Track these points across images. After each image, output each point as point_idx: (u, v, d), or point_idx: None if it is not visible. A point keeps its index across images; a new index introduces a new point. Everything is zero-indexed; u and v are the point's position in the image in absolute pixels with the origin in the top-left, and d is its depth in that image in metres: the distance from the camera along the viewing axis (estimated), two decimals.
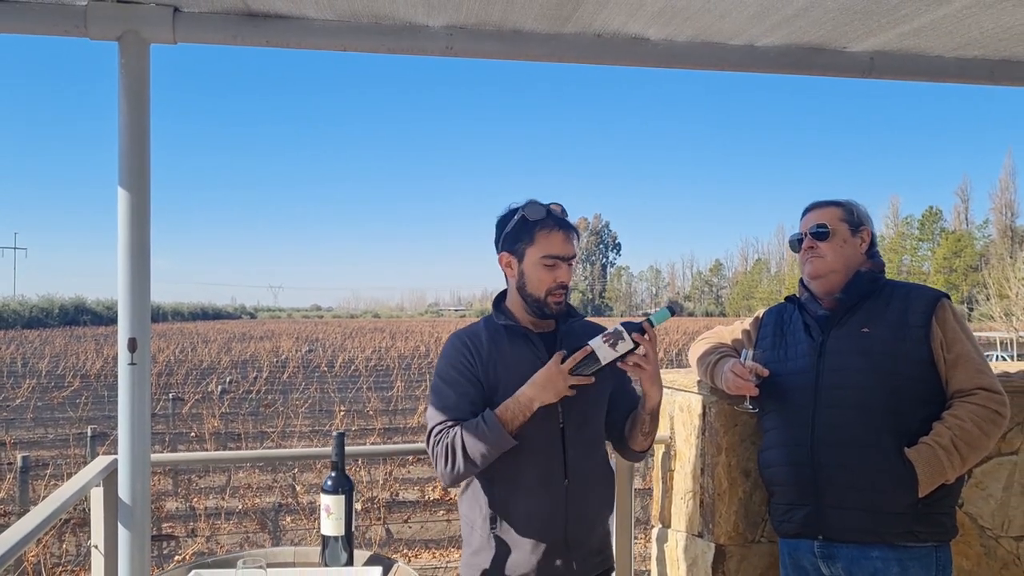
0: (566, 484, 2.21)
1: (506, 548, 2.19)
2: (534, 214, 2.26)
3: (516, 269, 2.30)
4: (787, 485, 2.53)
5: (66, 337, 48.78)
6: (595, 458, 2.32)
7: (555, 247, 2.23)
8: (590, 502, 2.26)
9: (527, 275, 2.27)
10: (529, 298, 2.27)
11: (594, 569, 2.30)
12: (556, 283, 2.24)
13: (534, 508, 2.19)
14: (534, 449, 2.18)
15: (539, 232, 2.25)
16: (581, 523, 2.24)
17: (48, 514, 2.16)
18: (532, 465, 2.19)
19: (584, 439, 2.27)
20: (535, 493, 2.19)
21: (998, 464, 3.16)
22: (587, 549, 2.26)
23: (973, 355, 2.39)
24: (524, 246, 2.27)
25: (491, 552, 2.20)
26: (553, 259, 2.23)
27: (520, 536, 2.18)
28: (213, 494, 10.09)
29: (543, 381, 2.11)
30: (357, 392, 20.13)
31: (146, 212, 2.51)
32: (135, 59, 2.48)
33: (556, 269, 2.24)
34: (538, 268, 2.24)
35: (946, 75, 3.02)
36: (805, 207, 2.66)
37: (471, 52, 2.72)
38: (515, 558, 2.18)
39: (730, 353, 2.76)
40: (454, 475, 2.15)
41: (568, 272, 2.26)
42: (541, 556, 2.18)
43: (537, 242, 2.25)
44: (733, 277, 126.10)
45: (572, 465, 2.22)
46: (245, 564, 1.83)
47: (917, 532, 2.35)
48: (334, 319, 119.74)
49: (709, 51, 2.85)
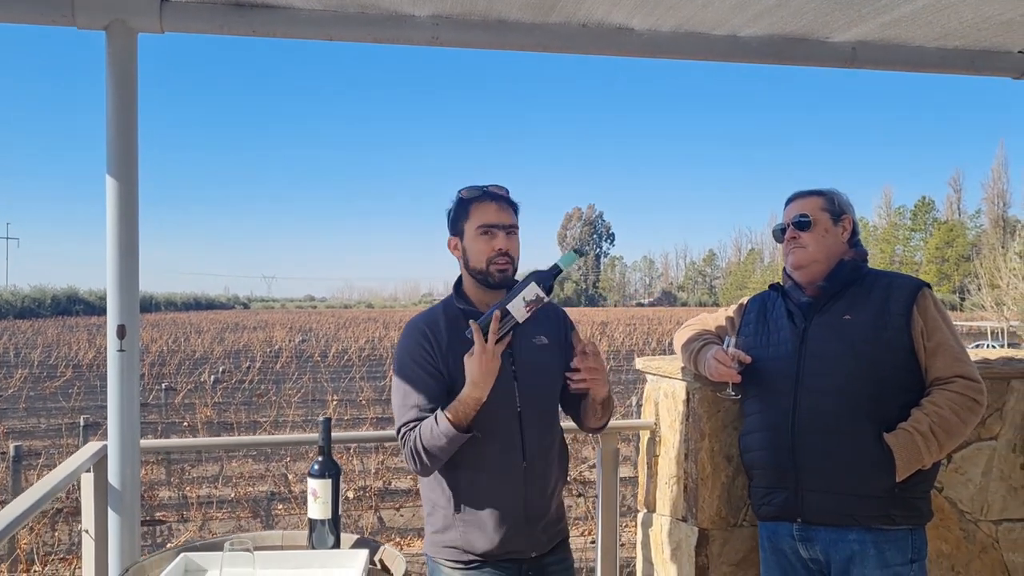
0: (524, 465, 2.30)
1: (469, 527, 2.28)
2: (469, 193, 2.35)
3: (460, 248, 2.37)
4: (767, 469, 2.57)
5: (58, 327, 48.67)
6: (551, 437, 2.41)
7: (489, 216, 2.30)
8: (547, 479, 2.36)
9: (468, 249, 2.34)
10: (475, 272, 2.33)
11: (553, 539, 2.40)
12: (495, 251, 2.29)
13: (495, 489, 2.28)
14: (493, 433, 2.25)
15: (473, 206, 2.32)
16: (540, 499, 2.33)
17: (39, 497, 2.19)
18: (491, 449, 2.27)
19: (540, 421, 2.35)
20: (495, 475, 2.28)
21: (977, 449, 3.21)
22: (545, 522, 2.36)
23: (952, 344, 2.43)
24: (462, 223, 2.35)
25: (455, 531, 2.30)
26: (488, 227, 2.29)
27: (482, 515, 2.27)
28: (206, 483, 10.13)
29: (479, 376, 2.12)
30: (350, 382, 20.15)
31: (134, 200, 2.54)
32: (122, 48, 2.51)
33: (493, 238, 2.29)
34: (476, 240, 2.31)
35: (927, 65, 3.06)
36: (788, 197, 2.69)
37: (457, 42, 2.74)
38: (478, 536, 2.27)
39: (714, 340, 2.80)
40: (425, 472, 2.26)
41: (507, 240, 2.30)
42: (503, 533, 2.27)
43: (471, 216, 2.32)
44: (727, 267, 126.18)
45: (529, 446, 2.31)
46: (232, 547, 1.85)
47: (893, 516, 2.39)
48: (327, 309, 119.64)
49: (693, 41, 2.88)
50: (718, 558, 3.01)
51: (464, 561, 2.29)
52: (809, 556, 2.51)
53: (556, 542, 2.42)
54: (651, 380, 3.38)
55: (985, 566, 3.22)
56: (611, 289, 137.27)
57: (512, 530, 2.27)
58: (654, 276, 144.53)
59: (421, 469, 2.24)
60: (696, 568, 3.00)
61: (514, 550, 2.29)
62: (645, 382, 3.45)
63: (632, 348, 29.25)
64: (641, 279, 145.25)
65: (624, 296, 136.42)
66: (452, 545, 2.30)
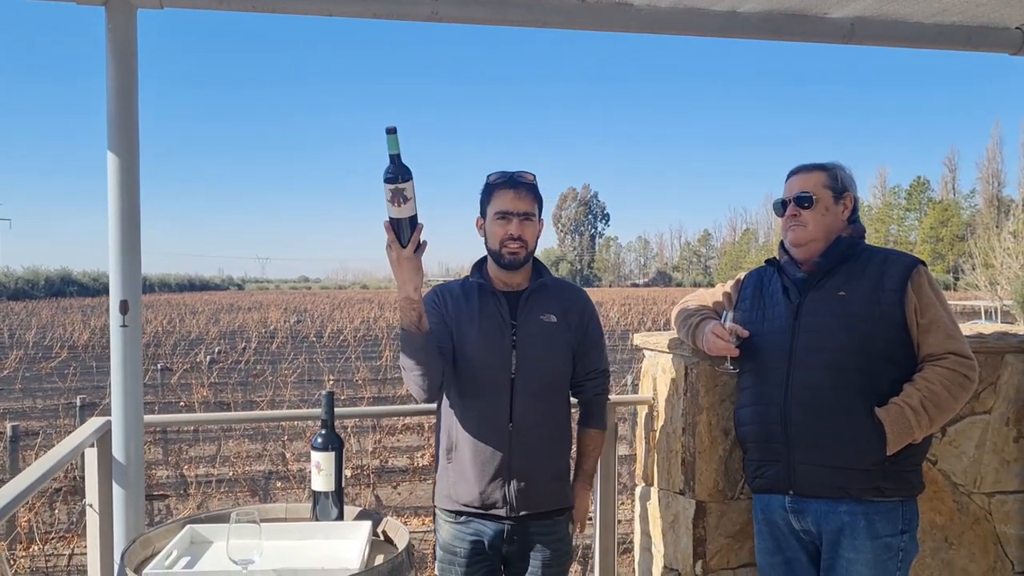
0: (510, 428, 2.49)
1: (456, 478, 2.53)
2: (494, 179, 2.55)
3: (483, 228, 2.59)
4: (760, 442, 2.61)
5: (52, 308, 48.52)
6: (548, 408, 2.56)
7: (505, 203, 2.50)
8: (536, 446, 2.52)
9: (487, 231, 2.57)
10: (491, 252, 2.57)
11: (540, 506, 2.53)
12: (507, 235, 2.49)
13: (480, 447, 2.49)
14: (483, 394, 2.50)
15: (495, 192, 2.54)
16: (524, 464, 2.49)
17: (45, 471, 2.22)
18: (480, 409, 2.51)
19: (533, 389, 2.51)
20: (481, 435, 2.50)
21: (971, 423, 3.25)
22: (529, 487, 2.50)
23: (945, 321, 2.46)
24: (486, 207, 2.57)
25: (446, 479, 2.56)
26: (503, 214, 2.50)
27: (467, 467, 2.50)
28: (203, 463, 10.16)
29: (398, 278, 2.24)
30: (346, 362, 20.16)
31: (135, 177, 2.55)
32: (122, 24, 2.51)
33: (508, 223, 2.49)
34: (493, 223, 2.53)
35: (925, 40, 3.07)
36: (790, 170, 2.69)
37: (456, 17, 2.75)
38: (463, 487, 2.51)
39: (711, 315, 2.82)
40: (418, 393, 2.45)
41: (520, 226, 2.49)
42: (484, 488, 2.49)
43: (492, 200, 2.54)
44: (721, 247, 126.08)
45: (518, 411, 2.50)
46: (239, 518, 1.88)
47: (884, 488, 2.43)
48: (322, 290, 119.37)
49: (692, 16, 2.89)
50: (715, 530, 3.05)
51: (454, 511, 2.55)
52: (801, 528, 2.55)
53: (546, 510, 2.55)
54: (649, 355, 3.41)
55: (978, 537, 3.27)
56: (606, 269, 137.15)
57: (493, 486, 2.48)
58: (649, 256, 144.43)
59: (410, 385, 2.44)
60: (694, 540, 3.04)
61: (493, 506, 2.48)
62: (642, 359, 3.48)
63: (627, 328, 29.27)
64: (636, 259, 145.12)
65: (619, 276, 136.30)
66: (445, 494, 2.56)
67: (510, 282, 2.58)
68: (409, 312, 2.33)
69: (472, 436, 2.50)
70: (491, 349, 2.49)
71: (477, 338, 2.51)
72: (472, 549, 2.53)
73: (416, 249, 2.18)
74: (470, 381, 2.50)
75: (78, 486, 7.61)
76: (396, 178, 2.09)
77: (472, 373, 2.50)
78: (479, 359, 2.50)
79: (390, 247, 2.19)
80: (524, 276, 2.59)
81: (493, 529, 2.51)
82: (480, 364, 2.49)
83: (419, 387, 2.43)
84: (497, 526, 2.51)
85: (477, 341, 2.51)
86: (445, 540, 2.58)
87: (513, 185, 2.51)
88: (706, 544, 3.05)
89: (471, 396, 2.51)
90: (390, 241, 2.18)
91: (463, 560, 2.52)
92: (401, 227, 2.16)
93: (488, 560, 2.55)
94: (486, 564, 2.55)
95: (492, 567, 2.57)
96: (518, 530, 2.52)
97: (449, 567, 2.55)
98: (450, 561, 2.55)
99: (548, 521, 2.56)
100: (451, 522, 2.56)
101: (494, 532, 2.51)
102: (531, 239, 2.53)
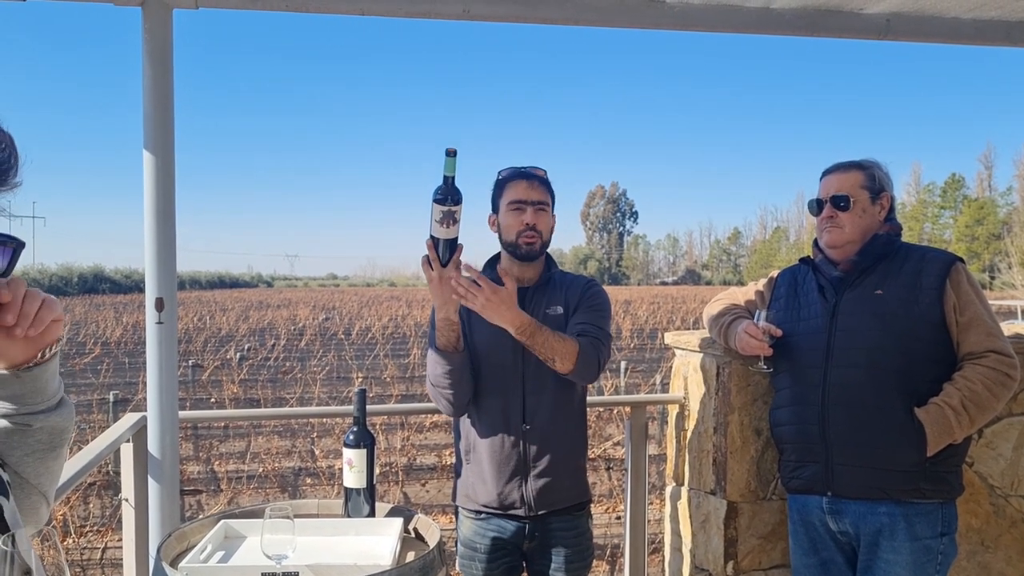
0: (525, 428, 2.47)
1: (475, 479, 2.53)
2: (504, 173, 2.55)
3: (496, 224, 2.56)
4: (797, 443, 2.58)
5: (86, 305, 49.25)
6: (563, 405, 2.52)
7: (519, 192, 2.49)
8: (554, 444, 2.49)
9: (502, 224, 2.53)
10: (507, 245, 2.53)
11: (559, 503, 2.51)
12: (523, 224, 2.47)
13: (496, 448, 2.47)
14: (496, 394, 2.48)
15: (507, 185, 2.53)
16: (542, 463, 2.47)
17: (83, 465, 2.25)
18: (494, 410, 2.48)
19: (545, 385, 2.47)
20: (498, 432, 2.48)
21: (1009, 424, 3.19)
22: (547, 486, 2.48)
23: (985, 318, 2.42)
24: (498, 201, 2.55)
25: (465, 481, 2.56)
26: (517, 203, 2.48)
27: (484, 467, 2.49)
28: (233, 459, 10.26)
29: (436, 299, 2.29)
30: (374, 360, 20.27)
31: (171, 175, 2.58)
32: (158, 24, 2.53)
33: (522, 213, 2.47)
34: (507, 214, 2.50)
35: (963, 36, 3.02)
36: (826, 168, 2.64)
37: (487, 15, 2.75)
38: (481, 488, 2.51)
39: (743, 314, 2.80)
40: (446, 408, 2.48)
41: (535, 216, 2.47)
42: (501, 489, 2.47)
43: (505, 193, 2.53)
44: (752, 245, 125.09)
45: (531, 410, 2.47)
46: (273, 514, 1.89)
47: (924, 489, 2.40)
48: (350, 288, 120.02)
49: (725, 13, 2.86)
50: (747, 531, 3.03)
51: (474, 510, 2.54)
52: (838, 529, 2.52)
53: (566, 507, 2.53)
54: (680, 354, 3.39)
55: (1015, 540, 3.22)
56: (634, 268, 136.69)
57: (511, 486, 2.47)
58: (678, 254, 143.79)
59: (438, 401, 2.47)
60: (725, 540, 3.02)
61: (511, 506, 2.47)
62: (670, 358, 3.46)
63: (656, 327, 29.17)
64: (665, 257, 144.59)
65: (648, 275, 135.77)
66: (464, 493, 2.56)
67: (522, 277, 2.53)
68: (448, 333, 2.34)
69: (488, 437, 2.49)
70: (501, 345, 2.44)
71: (487, 334, 2.45)
72: (492, 545, 2.52)
73: (456, 268, 2.23)
74: (482, 378, 2.49)
75: (112, 480, 7.72)
76: (446, 199, 2.13)
77: (483, 370, 2.49)
78: (490, 355, 2.48)
79: (428, 264, 2.23)
80: (536, 271, 2.56)
81: (513, 526, 2.51)
82: (491, 360, 2.48)
83: (449, 403, 2.45)
84: (517, 524, 2.51)
85: (487, 337, 2.47)
86: (465, 536, 2.58)
87: (525, 176, 2.51)
88: (737, 544, 3.03)
89: (485, 395, 2.49)
90: (431, 259, 2.22)
91: (483, 556, 2.53)
92: (443, 247, 2.21)
93: (509, 556, 2.54)
94: (507, 560, 2.54)
95: (513, 563, 2.56)
96: (538, 527, 2.51)
97: (470, 563, 2.55)
98: (471, 556, 2.55)
99: (568, 516, 2.54)
100: (471, 518, 2.57)
101: (514, 529, 2.51)
102: (545, 230, 2.50)
